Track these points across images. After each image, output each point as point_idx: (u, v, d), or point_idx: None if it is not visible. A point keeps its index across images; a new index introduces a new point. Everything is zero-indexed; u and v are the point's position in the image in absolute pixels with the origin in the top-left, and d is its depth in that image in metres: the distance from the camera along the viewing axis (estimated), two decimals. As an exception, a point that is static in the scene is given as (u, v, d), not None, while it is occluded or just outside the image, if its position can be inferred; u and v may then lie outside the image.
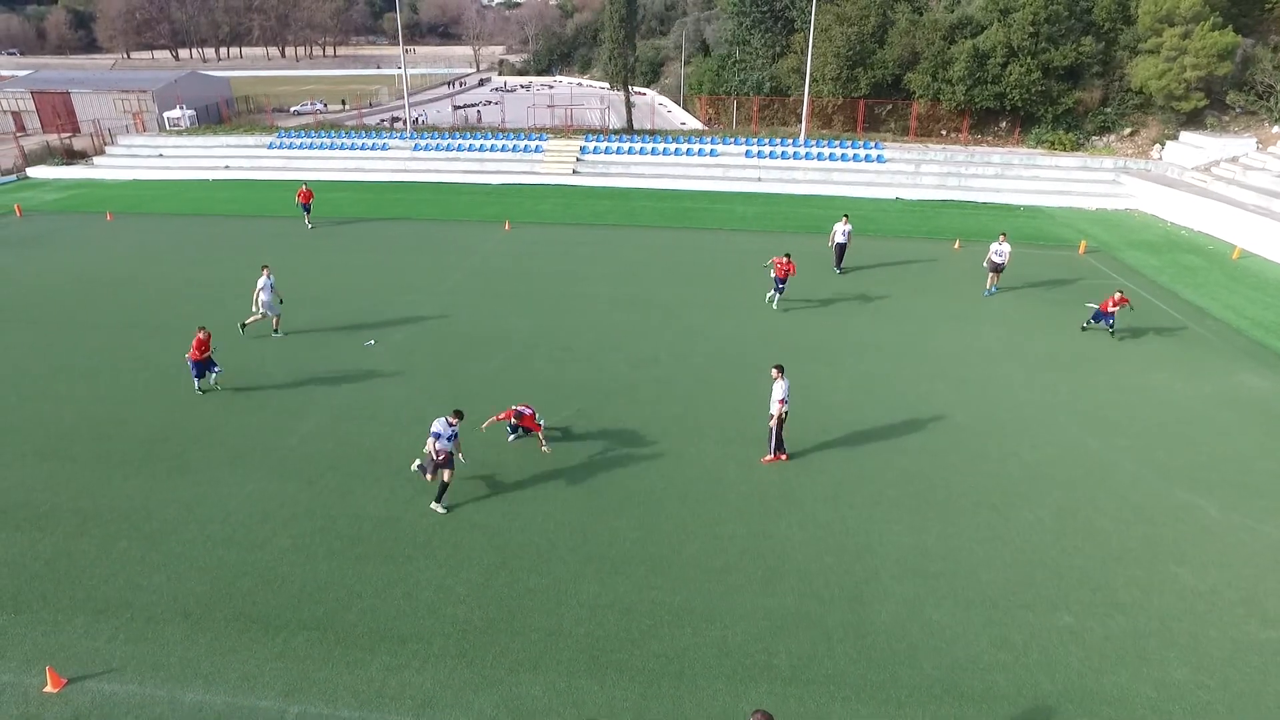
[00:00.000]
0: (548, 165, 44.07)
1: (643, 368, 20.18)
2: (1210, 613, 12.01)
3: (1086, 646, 11.25)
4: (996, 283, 26.09)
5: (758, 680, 10.54)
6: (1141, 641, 11.38)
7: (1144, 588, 12.51)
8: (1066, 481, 15.47)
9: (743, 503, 14.48)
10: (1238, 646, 11.36)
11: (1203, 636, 11.53)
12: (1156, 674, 10.83)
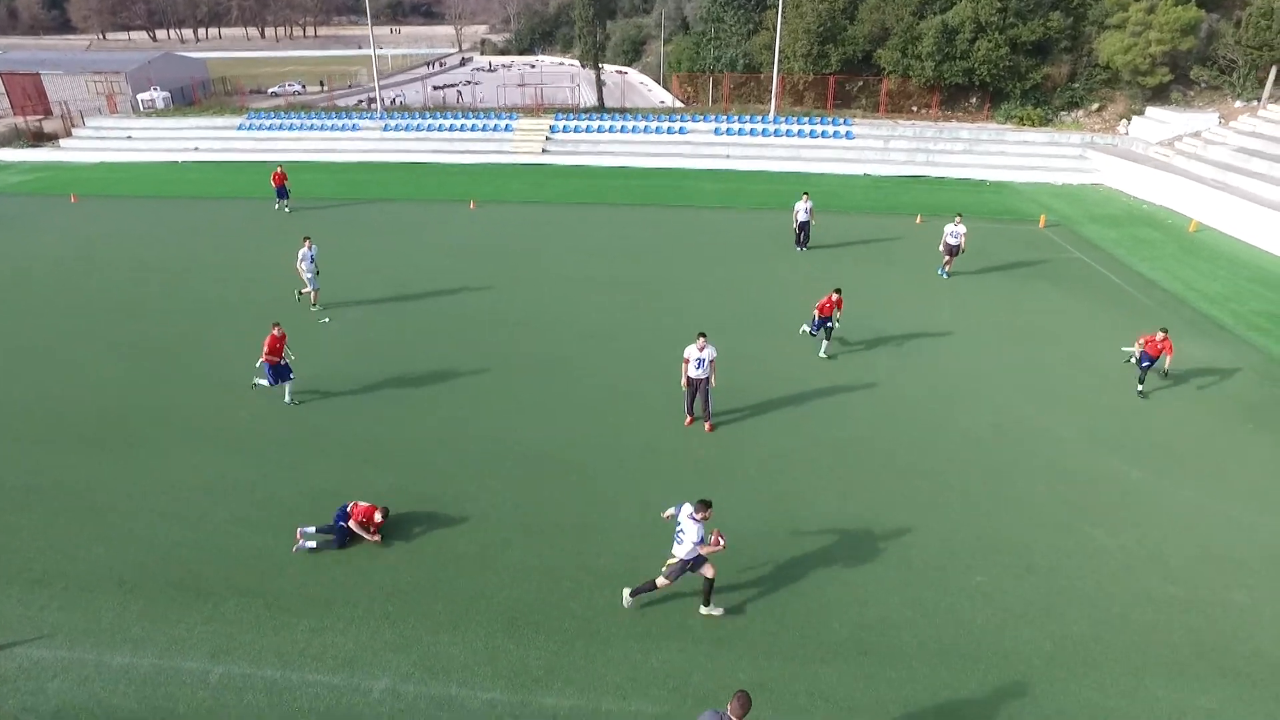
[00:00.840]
0: (517, 145, 44.06)
1: (593, 341, 20.47)
2: (1117, 571, 12.42)
3: (994, 605, 11.64)
4: (951, 265, 25.81)
5: (670, 639, 10.90)
6: (1048, 599, 11.77)
7: (1060, 549, 12.89)
8: (1000, 449, 15.85)
9: (677, 470, 14.80)
10: (1136, 601, 11.77)
11: (1106, 593, 11.93)
12: (1057, 629, 11.23)
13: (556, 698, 10.02)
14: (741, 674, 10.37)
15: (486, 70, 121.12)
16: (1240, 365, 19.87)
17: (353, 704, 9.92)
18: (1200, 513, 13.93)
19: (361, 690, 10.11)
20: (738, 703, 7.54)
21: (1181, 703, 10.07)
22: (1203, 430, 16.78)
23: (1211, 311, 23.50)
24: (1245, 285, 25.77)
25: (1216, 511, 13.96)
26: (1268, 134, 36.02)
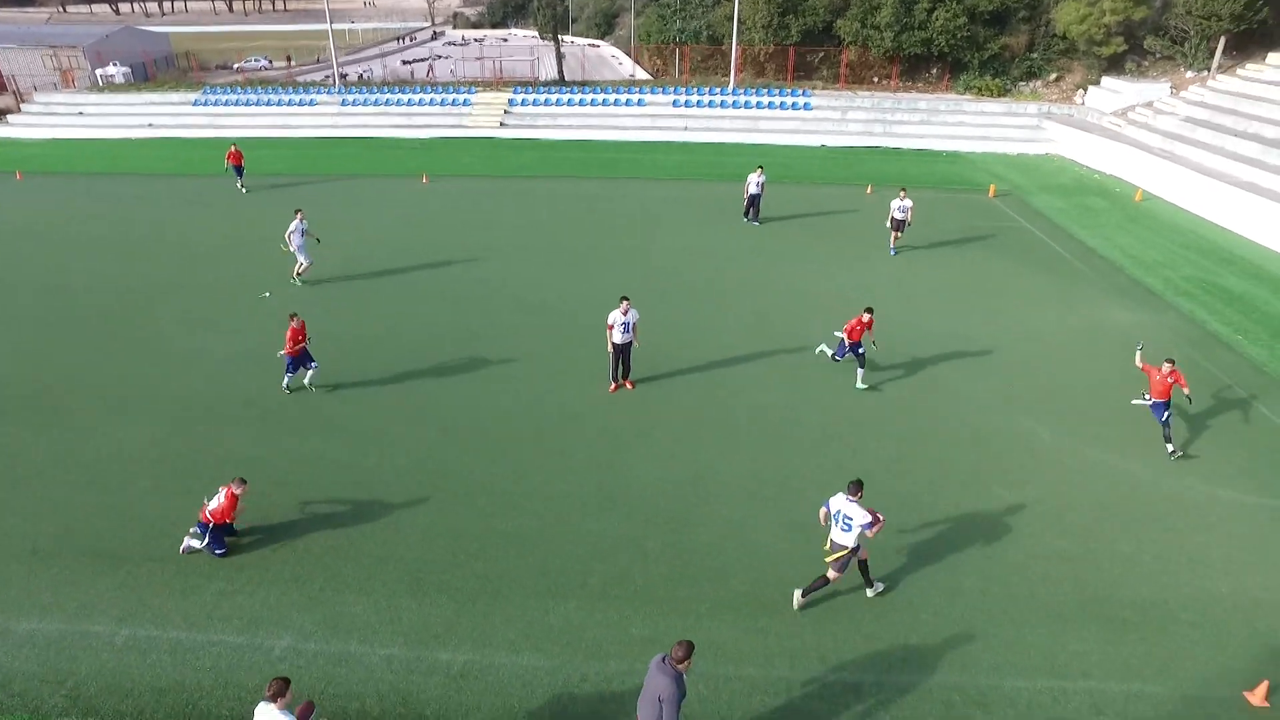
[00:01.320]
0: (476, 119, 43.81)
1: (529, 312, 20.62)
2: (1016, 527, 12.81)
3: (891, 561, 11.99)
4: (892, 240, 25.45)
5: (568, 597, 11.18)
6: (944, 554, 12.14)
7: (963, 507, 13.27)
8: (919, 411, 16.21)
9: (596, 436, 15.06)
10: (1030, 556, 12.16)
11: (1002, 548, 12.32)
12: (949, 582, 11.60)
13: (452, 653, 10.29)
14: (634, 628, 10.68)
15: (459, 44, 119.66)
16: (1162, 329, 20.32)
17: (253, 661, 10.14)
18: (1101, 470, 14.35)
19: (264, 649, 10.33)
20: (679, 649, 7.76)
21: (1055, 648, 10.48)
22: (1117, 391, 17.18)
23: (1144, 278, 23.94)
24: (1180, 252, 26.23)
25: (1117, 469, 14.39)
26: (1215, 104, 36.42)
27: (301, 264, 22.23)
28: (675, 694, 7.62)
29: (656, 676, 7.72)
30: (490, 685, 9.85)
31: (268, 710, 7.74)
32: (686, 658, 7.72)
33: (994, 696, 9.77)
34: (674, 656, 7.73)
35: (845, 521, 10.66)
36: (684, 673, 7.79)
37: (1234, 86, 36.94)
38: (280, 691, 7.73)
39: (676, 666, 7.71)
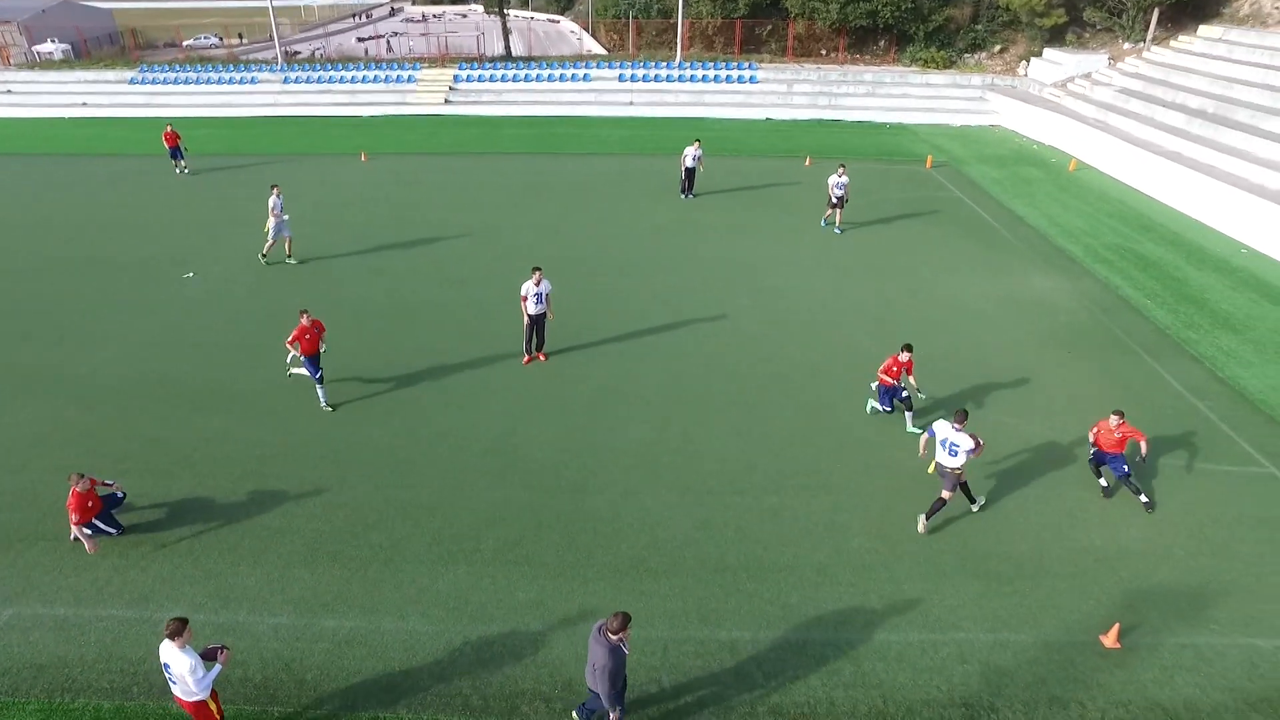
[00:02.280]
0: (420, 95, 43.31)
1: (450, 287, 20.61)
2: (909, 489, 13.10)
3: (782, 523, 12.25)
4: (839, 219, 24.87)
5: (458, 564, 11.33)
6: (836, 517, 12.42)
7: (861, 471, 13.56)
8: (828, 379, 16.47)
9: (504, 406, 15.15)
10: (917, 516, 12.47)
11: (893, 509, 12.62)
12: (836, 542, 11.90)
13: (339, 620, 10.41)
14: (520, 593, 10.86)
15: (418, 21, 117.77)
16: (1078, 295, 20.77)
17: (140, 634, 10.18)
18: (999, 432, 14.69)
19: (152, 621, 10.36)
20: (614, 620, 7.83)
21: (931, 603, 10.82)
22: (1026, 356, 17.60)
23: (1067, 245, 24.40)
24: (1105, 221, 26.73)
25: (1014, 430, 14.78)
26: (1148, 75, 36.97)
27: (270, 239, 21.91)
28: (609, 663, 7.77)
29: (594, 647, 7.90)
30: (373, 650, 9.99)
31: (169, 649, 7.89)
32: (621, 629, 7.80)
33: (865, 651, 10.08)
34: (609, 627, 7.82)
35: (952, 448, 11.73)
36: (619, 643, 7.86)
37: (1166, 58, 37.51)
38: (178, 630, 7.84)
39: (611, 637, 7.81)
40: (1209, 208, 26.08)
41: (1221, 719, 9.32)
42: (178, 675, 7.91)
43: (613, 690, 8.01)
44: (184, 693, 8.02)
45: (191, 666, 7.85)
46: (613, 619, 7.85)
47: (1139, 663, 10.03)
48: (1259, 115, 28.92)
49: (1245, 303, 20.36)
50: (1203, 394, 16.20)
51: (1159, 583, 11.29)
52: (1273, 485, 13.49)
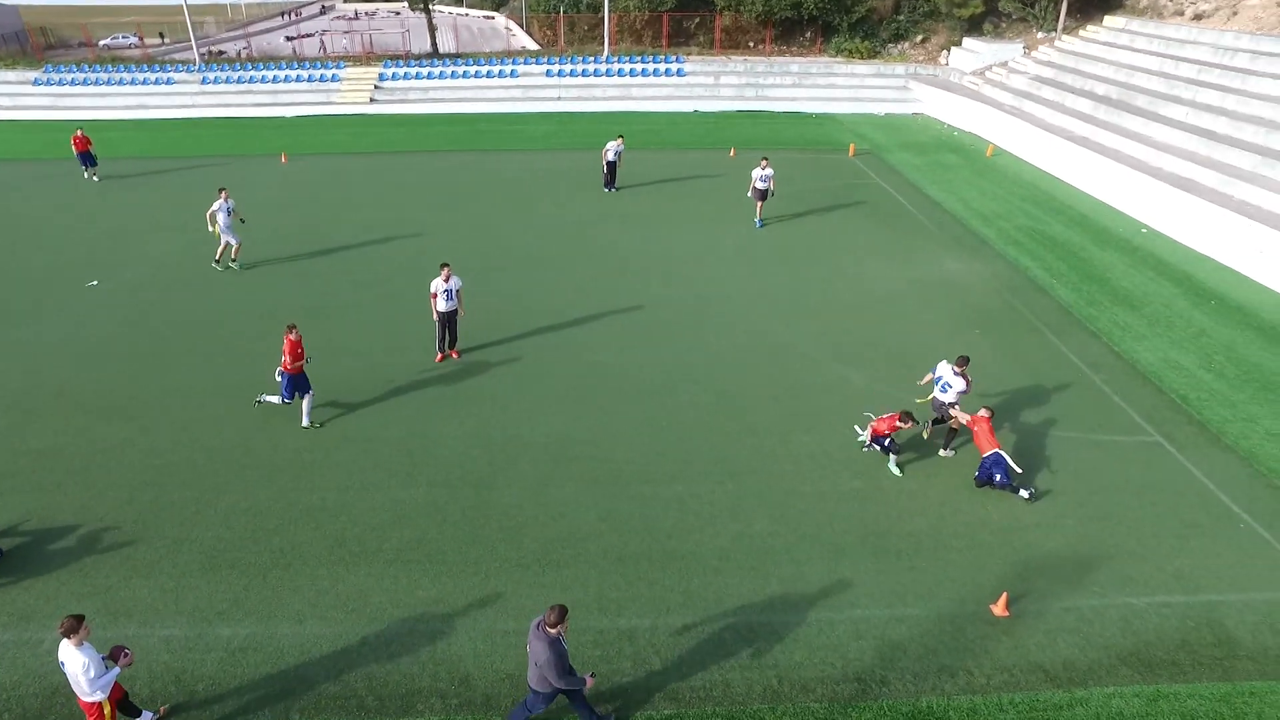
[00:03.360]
0: (345, 95, 42.54)
1: (365, 288, 20.32)
2: (813, 471, 13.34)
3: (686, 510, 12.37)
4: (759, 211, 24.74)
5: (360, 565, 11.21)
6: (740, 502, 12.57)
7: (767, 456, 13.73)
8: (741, 365, 16.66)
9: (415, 405, 15.01)
10: (823, 498, 12.71)
11: (796, 492, 12.83)
12: (739, 528, 12.04)
13: (234, 628, 10.22)
14: (421, 591, 10.79)
15: (351, 19, 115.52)
16: (989, 277, 21.33)
17: (17, 656, 9.86)
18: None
19: (32, 642, 10.04)
20: (551, 614, 7.87)
21: (830, 581, 11.04)
22: (936, 338, 18.00)
23: (980, 229, 25.02)
24: (1018, 204, 27.48)
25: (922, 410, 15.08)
26: (1060, 64, 38.07)
27: (231, 245, 21.33)
28: (550, 657, 7.81)
29: (534, 644, 7.95)
30: (268, 657, 9.84)
31: (65, 648, 7.79)
32: (559, 622, 7.84)
33: (763, 632, 10.24)
34: (546, 622, 7.87)
35: (944, 386, 13.55)
36: (558, 636, 7.92)
37: (1075, 47, 38.65)
38: (72, 628, 7.71)
39: (550, 631, 7.86)
40: (1113, 190, 26.98)
41: (1095, 675, 9.70)
42: (72, 674, 7.78)
43: (562, 680, 8.03)
44: (80, 692, 7.89)
45: (85, 665, 7.72)
46: (549, 613, 7.88)
47: (1025, 629, 10.38)
48: (1156, 101, 30.01)
49: (1143, 280, 21.13)
50: (1099, 368, 16.79)
51: (1049, 551, 11.69)
52: (1158, 452, 14.05)
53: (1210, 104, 28.29)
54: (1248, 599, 10.87)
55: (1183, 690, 9.55)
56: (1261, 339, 17.94)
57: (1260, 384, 16.13)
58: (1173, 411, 15.29)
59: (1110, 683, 9.65)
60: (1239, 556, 11.65)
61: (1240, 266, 21.48)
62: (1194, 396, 15.75)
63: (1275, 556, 11.64)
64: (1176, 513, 12.57)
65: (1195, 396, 15.75)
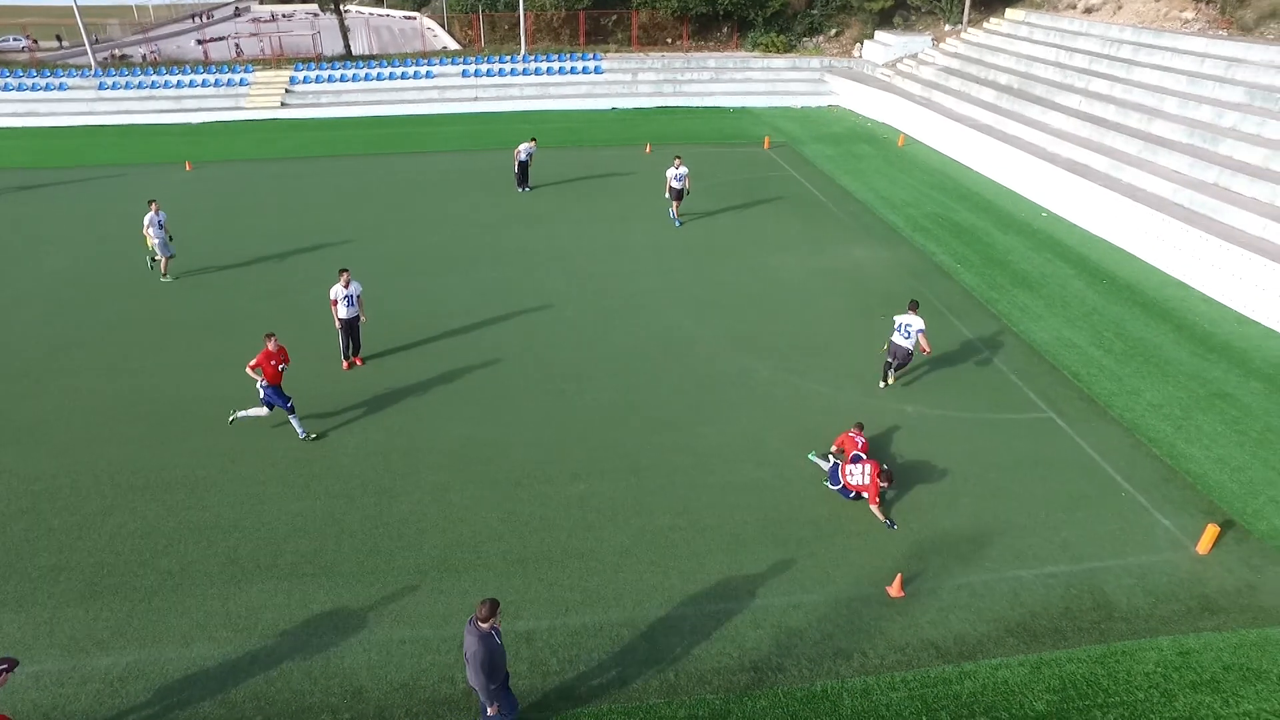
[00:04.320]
0: (254, 99, 41.33)
1: (268, 298, 19.77)
2: (716, 463, 13.42)
3: (588, 508, 12.32)
4: (675, 210, 24.45)
5: (252, 582, 10.89)
6: (642, 497, 12.58)
7: (671, 450, 13.76)
8: (648, 361, 16.67)
9: (315, 415, 14.62)
10: (725, 489, 12.78)
11: (699, 485, 12.88)
12: (640, 523, 12.04)
13: (115, 657, 9.82)
14: (315, 604, 10.54)
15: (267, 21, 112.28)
16: (896, 264, 21.79)
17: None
18: (810, 399, 15.28)
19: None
20: (482, 608, 7.82)
21: (730, 572, 11.12)
22: (839, 324, 18.35)
23: (889, 216, 25.55)
24: (926, 192, 28.13)
25: (827, 398, 15.36)
26: (966, 55, 39.11)
27: (161, 260, 20.62)
28: (480, 650, 7.78)
29: (467, 639, 7.92)
30: (151, 683, 9.49)
31: None
32: (490, 616, 7.81)
33: (661, 627, 10.26)
34: (478, 616, 7.83)
35: (904, 328, 14.97)
36: (490, 631, 7.89)
37: (980, 39, 39.78)
38: None
39: (481, 626, 7.83)
40: (1016, 176, 27.83)
41: (984, 648, 9.98)
42: None
43: (488, 682, 7.96)
44: None
45: None
46: (480, 607, 7.83)
47: (919, 607, 10.62)
48: (1053, 90, 31.07)
49: (1041, 262, 21.84)
50: (997, 348, 17.30)
51: (944, 531, 11.98)
52: (1050, 428, 14.53)
53: (1100, 92, 29.40)
54: (1125, 563, 11.32)
55: (1063, 656, 9.89)
56: (1146, 315, 18.71)
57: (1144, 358, 16.81)
58: (1065, 388, 15.82)
59: (998, 654, 9.94)
60: (1120, 524, 12.12)
61: (1129, 246, 22.36)
62: (1085, 373, 16.32)
63: (1151, 521, 12.15)
64: (1065, 486, 13.01)
65: (1086, 373, 16.33)
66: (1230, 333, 17.84)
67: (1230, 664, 9.75)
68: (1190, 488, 12.91)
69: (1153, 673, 9.67)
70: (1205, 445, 13.98)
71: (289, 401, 13.68)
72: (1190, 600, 10.73)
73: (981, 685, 9.52)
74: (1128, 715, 9.17)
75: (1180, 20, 32.86)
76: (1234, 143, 22.78)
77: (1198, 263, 19.92)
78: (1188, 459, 13.62)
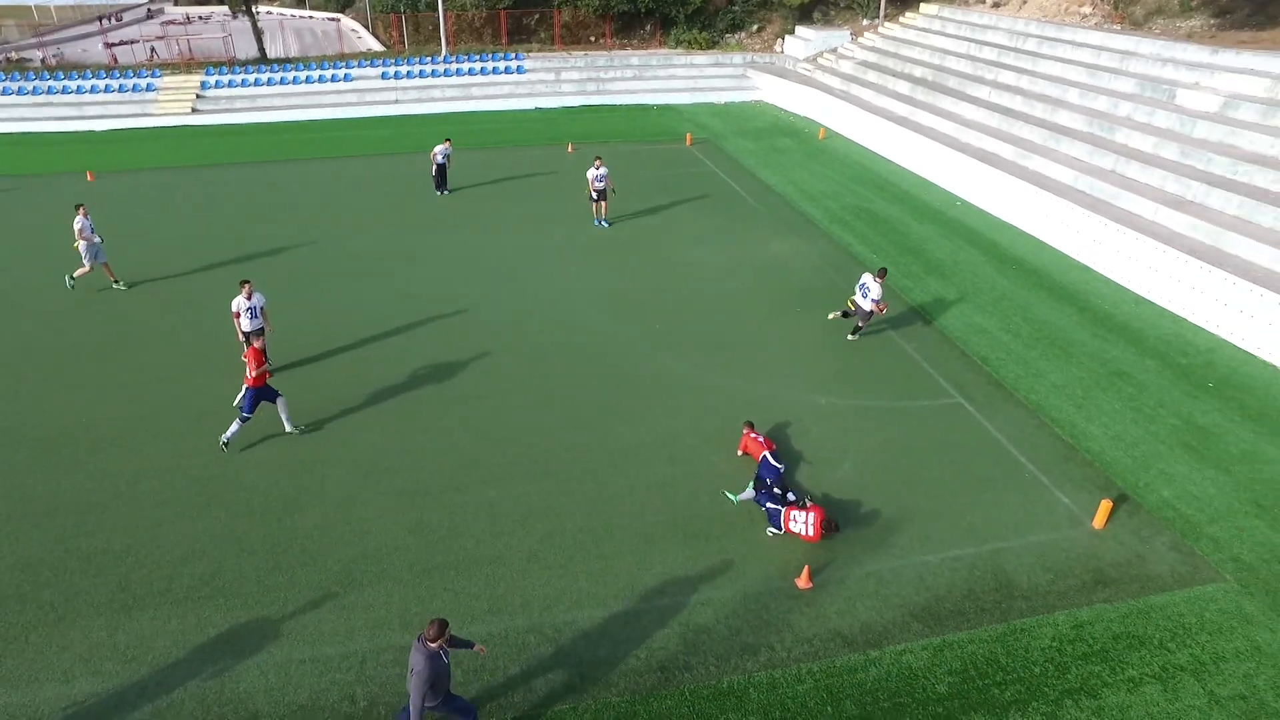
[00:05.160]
0: (163, 105, 39.88)
1: (173, 311, 19.05)
2: (628, 463, 13.35)
3: (497, 514, 12.14)
4: (604, 212, 24.13)
5: (145, 609, 10.44)
6: (552, 501, 12.44)
7: (584, 451, 13.64)
8: (564, 363, 16.53)
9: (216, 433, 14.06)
10: (635, 489, 12.73)
11: (611, 485, 12.81)
12: (549, 527, 11.90)
13: (-16, 701, 9.31)
14: (212, 628, 10.16)
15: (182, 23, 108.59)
16: (814, 256, 22.03)
17: None
18: (723, 395, 15.31)
19: None
20: (431, 628, 7.78)
21: (637, 572, 11.07)
22: (757, 318, 18.45)
23: (808, 209, 25.83)
24: (845, 184, 28.52)
25: (739, 391, 15.42)
26: (883, 49, 39.81)
27: (84, 267, 19.78)
28: (425, 669, 7.74)
29: (412, 654, 7.87)
30: (28, 726, 9.01)
31: None
32: (439, 637, 7.77)
33: (568, 630, 10.16)
34: (426, 636, 7.78)
35: (864, 289, 16.60)
36: (437, 651, 7.84)
37: (896, 33, 40.53)
38: None
39: (430, 645, 7.77)
40: (931, 166, 28.41)
41: (889, 635, 10.12)
42: None
43: (425, 701, 7.91)
44: None
45: None
46: (429, 627, 7.79)
47: (827, 598, 10.71)
48: (964, 82, 31.83)
49: (954, 249, 22.32)
50: (910, 337, 17.60)
51: (854, 519, 12.11)
52: (959, 413, 14.83)
53: (1008, 84, 30.20)
54: (1026, 542, 11.60)
55: (965, 637, 10.08)
56: (1052, 299, 19.25)
57: (1049, 341, 17.29)
58: (974, 373, 16.18)
59: (902, 640, 10.08)
60: (1022, 503, 12.43)
61: (1037, 232, 23.00)
62: (993, 357, 16.71)
63: (1052, 499, 12.49)
64: (972, 469, 13.28)
65: (994, 357, 16.72)
66: (1128, 313, 18.46)
67: (1119, 633, 10.06)
68: (1089, 465, 13.30)
69: (1048, 647, 9.91)
70: (1104, 423, 14.42)
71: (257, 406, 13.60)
72: (1085, 574, 11.03)
73: (886, 672, 9.64)
74: (1024, 691, 9.37)
75: (1079, 15, 33.98)
76: (1128, 131, 23.60)
77: (1098, 246, 20.58)
78: (1088, 437, 14.03)
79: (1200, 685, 9.37)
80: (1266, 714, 9.05)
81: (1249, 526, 11.85)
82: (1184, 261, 18.12)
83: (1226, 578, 10.93)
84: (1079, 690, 9.35)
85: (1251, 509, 12.20)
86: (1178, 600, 10.57)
